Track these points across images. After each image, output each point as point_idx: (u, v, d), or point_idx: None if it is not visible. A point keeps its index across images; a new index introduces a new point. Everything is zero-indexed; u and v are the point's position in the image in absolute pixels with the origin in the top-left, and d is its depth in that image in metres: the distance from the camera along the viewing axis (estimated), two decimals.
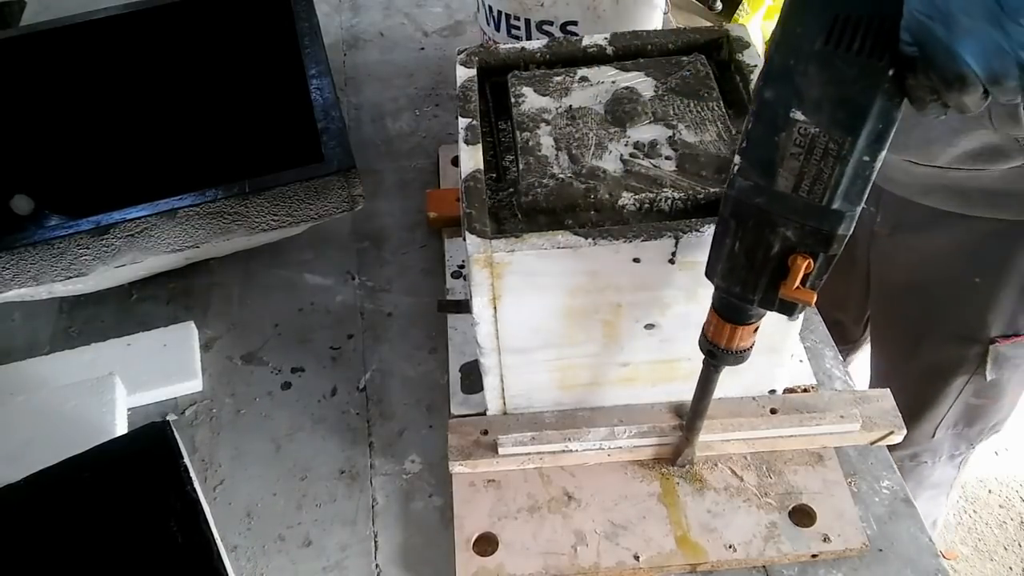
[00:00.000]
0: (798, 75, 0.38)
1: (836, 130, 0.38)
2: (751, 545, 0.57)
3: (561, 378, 0.60)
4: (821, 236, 0.41)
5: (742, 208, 0.42)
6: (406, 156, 0.91)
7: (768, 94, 0.40)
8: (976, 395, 0.92)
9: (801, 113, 0.39)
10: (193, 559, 0.50)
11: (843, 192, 0.40)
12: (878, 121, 0.38)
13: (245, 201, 0.65)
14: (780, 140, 0.40)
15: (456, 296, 0.74)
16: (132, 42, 0.85)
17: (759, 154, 0.41)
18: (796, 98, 0.39)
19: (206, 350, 0.74)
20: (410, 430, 0.67)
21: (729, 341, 0.49)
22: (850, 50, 0.37)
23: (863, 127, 0.38)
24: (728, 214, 0.43)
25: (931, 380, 0.92)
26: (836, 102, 0.38)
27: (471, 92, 0.60)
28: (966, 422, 0.97)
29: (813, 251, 0.42)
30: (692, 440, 0.59)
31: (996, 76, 0.33)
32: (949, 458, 1.02)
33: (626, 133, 0.57)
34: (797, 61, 0.38)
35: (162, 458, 0.54)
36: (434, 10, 1.12)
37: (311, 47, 0.78)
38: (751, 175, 0.41)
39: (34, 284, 0.64)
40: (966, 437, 0.99)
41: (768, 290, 0.44)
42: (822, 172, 0.39)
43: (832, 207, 0.40)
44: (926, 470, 1.03)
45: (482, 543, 0.58)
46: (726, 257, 0.45)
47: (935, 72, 0.34)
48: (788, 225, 0.41)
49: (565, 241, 0.50)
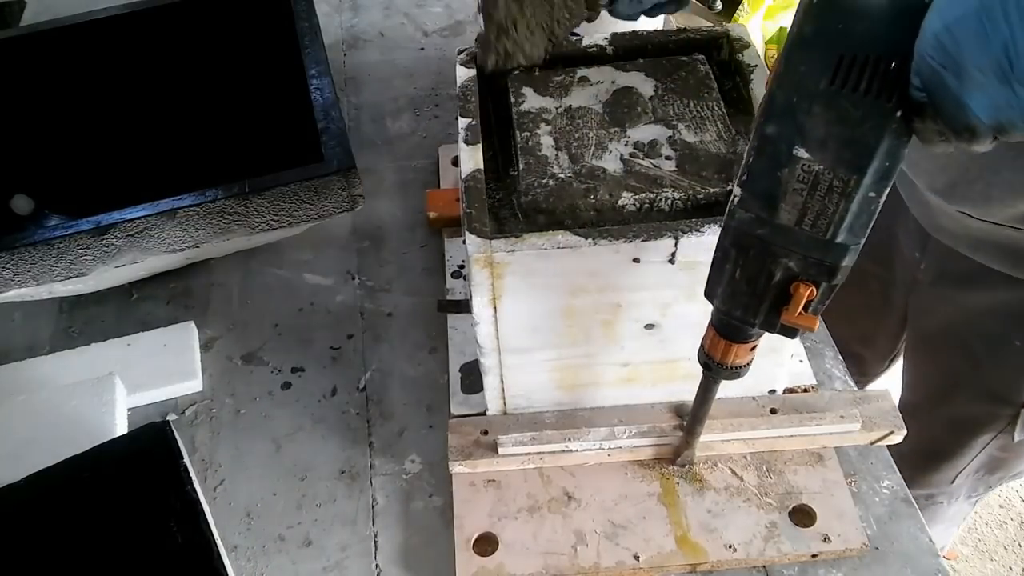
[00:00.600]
0: (801, 113, 0.38)
1: (841, 168, 0.38)
2: (751, 545, 0.57)
3: (561, 378, 0.60)
4: (825, 268, 0.40)
5: (743, 239, 0.42)
6: (406, 156, 0.91)
7: (770, 130, 0.39)
8: (1001, 450, 0.90)
9: (805, 151, 0.38)
10: (193, 559, 0.50)
11: (848, 226, 0.39)
12: (885, 159, 0.37)
13: (245, 201, 0.65)
14: (783, 175, 0.39)
15: (456, 296, 0.74)
16: (132, 42, 0.85)
17: (760, 187, 0.40)
18: (799, 135, 0.38)
19: (206, 350, 0.74)
20: (410, 430, 0.67)
21: (726, 357, 0.48)
22: (856, 90, 0.36)
23: (870, 166, 0.37)
24: (728, 243, 0.43)
25: (957, 432, 0.90)
26: (842, 141, 0.37)
27: (471, 92, 0.60)
28: (988, 470, 0.95)
29: (816, 280, 0.41)
30: (692, 442, 0.59)
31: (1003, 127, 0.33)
32: (966, 498, 1.01)
33: (626, 133, 0.57)
34: (800, 99, 0.38)
35: (162, 458, 0.54)
36: (434, 10, 1.11)
37: (311, 47, 0.78)
38: (752, 207, 0.41)
39: (34, 284, 0.64)
40: (986, 482, 0.97)
41: (770, 314, 0.44)
42: (827, 208, 0.39)
43: (836, 240, 0.39)
44: (941, 509, 1.01)
45: (482, 543, 0.58)
46: (726, 282, 0.44)
47: (944, 119, 0.34)
48: (791, 256, 0.41)
49: (565, 241, 0.50)
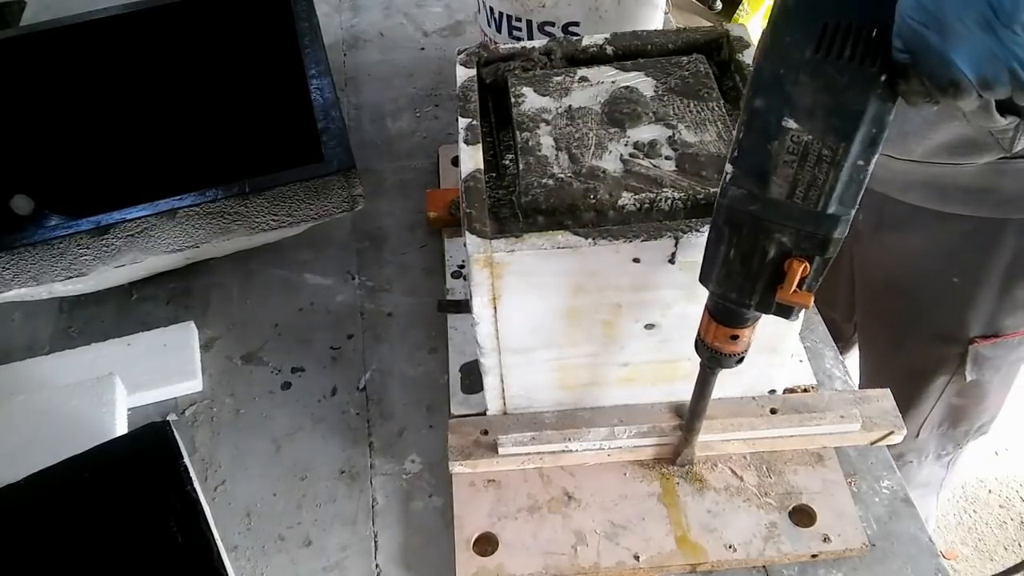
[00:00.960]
0: (789, 83, 0.38)
1: (830, 136, 0.38)
2: (751, 545, 0.57)
3: (561, 378, 0.60)
4: (817, 240, 0.41)
5: (736, 216, 0.42)
6: (406, 156, 0.91)
7: (759, 103, 0.40)
8: (958, 395, 0.92)
9: (793, 121, 0.39)
10: (193, 559, 0.50)
11: (838, 196, 0.40)
12: (872, 126, 0.38)
13: (245, 201, 0.65)
14: (773, 148, 0.40)
15: (456, 296, 0.74)
16: (132, 42, 0.85)
17: (752, 162, 0.41)
18: (788, 106, 0.39)
19: (206, 350, 0.74)
20: (410, 430, 0.67)
21: (724, 344, 0.48)
22: (841, 57, 0.37)
23: (857, 132, 0.38)
24: (722, 222, 0.43)
25: (913, 380, 0.93)
26: (829, 109, 0.38)
27: (471, 92, 0.60)
28: (950, 422, 0.97)
29: (809, 255, 0.42)
30: (692, 440, 0.59)
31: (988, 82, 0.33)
32: (936, 458, 1.02)
33: (626, 133, 0.57)
34: (787, 70, 0.38)
35: (162, 458, 0.54)
36: (434, 10, 1.12)
37: (311, 47, 0.78)
38: (744, 183, 0.41)
39: (34, 284, 0.64)
40: (952, 437, 0.99)
41: (765, 294, 0.44)
42: (816, 178, 0.39)
43: (827, 212, 0.40)
44: (912, 469, 1.03)
45: (482, 543, 0.58)
46: (721, 263, 0.45)
47: (928, 79, 0.35)
48: (783, 231, 0.41)
49: (565, 241, 0.50)
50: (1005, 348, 0.87)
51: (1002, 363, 0.88)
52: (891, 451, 0.92)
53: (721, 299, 0.46)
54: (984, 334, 0.85)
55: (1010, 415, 1.01)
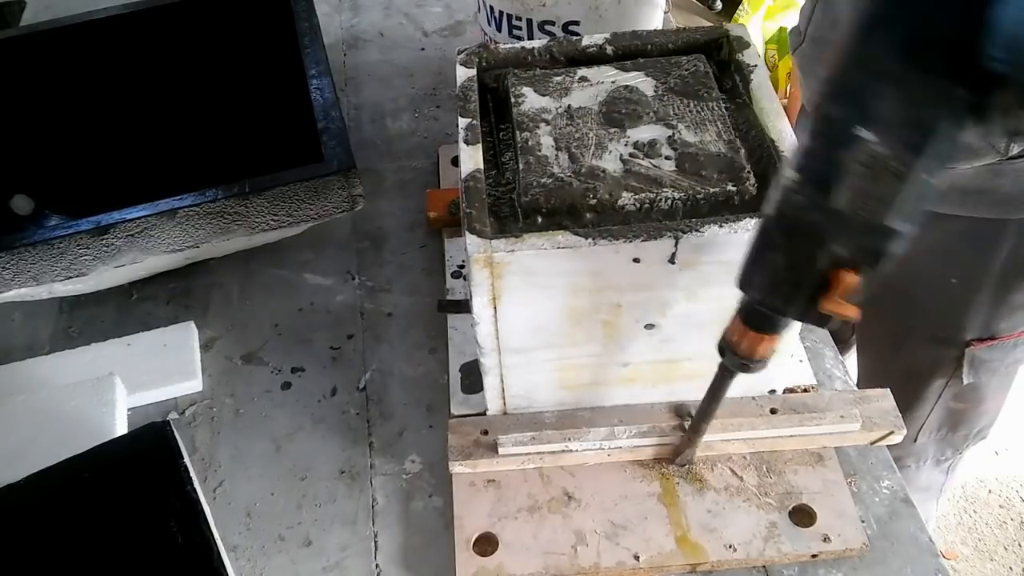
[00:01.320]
0: (868, 94, 0.38)
1: (902, 149, 0.38)
2: (751, 545, 0.57)
3: (561, 378, 0.60)
4: (873, 253, 0.40)
5: (793, 223, 0.41)
6: (406, 156, 0.91)
7: (832, 111, 0.39)
8: (956, 399, 0.92)
9: (867, 131, 0.38)
10: (193, 559, 0.50)
11: (900, 211, 0.39)
12: (945, 141, 0.37)
13: (245, 201, 0.65)
14: (842, 157, 0.39)
15: (456, 296, 0.74)
16: (132, 42, 0.85)
17: (817, 170, 0.40)
18: (863, 116, 0.38)
19: (206, 350, 0.74)
20: (410, 430, 0.67)
21: (753, 349, 0.47)
22: (927, 71, 0.36)
23: (929, 147, 0.37)
24: (774, 229, 0.42)
25: (911, 383, 0.92)
26: (906, 122, 0.37)
27: (471, 92, 0.60)
28: (949, 427, 0.96)
29: (861, 267, 0.41)
30: (696, 441, 0.58)
31: None
32: (935, 463, 1.02)
33: (626, 133, 0.57)
34: (868, 80, 0.38)
35: (162, 458, 0.54)
36: (434, 10, 1.12)
37: (311, 47, 0.78)
38: (805, 191, 0.40)
39: (34, 284, 0.64)
40: (951, 443, 0.99)
41: (808, 303, 0.43)
42: (882, 190, 0.39)
43: (888, 225, 0.39)
44: (911, 474, 1.02)
45: (482, 543, 0.58)
46: (768, 271, 0.44)
47: None
48: (840, 241, 0.40)
49: (565, 241, 0.50)
50: (1001, 351, 0.87)
51: (999, 366, 0.88)
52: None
53: (760, 305, 0.45)
54: (981, 336, 0.85)
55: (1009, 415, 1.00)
